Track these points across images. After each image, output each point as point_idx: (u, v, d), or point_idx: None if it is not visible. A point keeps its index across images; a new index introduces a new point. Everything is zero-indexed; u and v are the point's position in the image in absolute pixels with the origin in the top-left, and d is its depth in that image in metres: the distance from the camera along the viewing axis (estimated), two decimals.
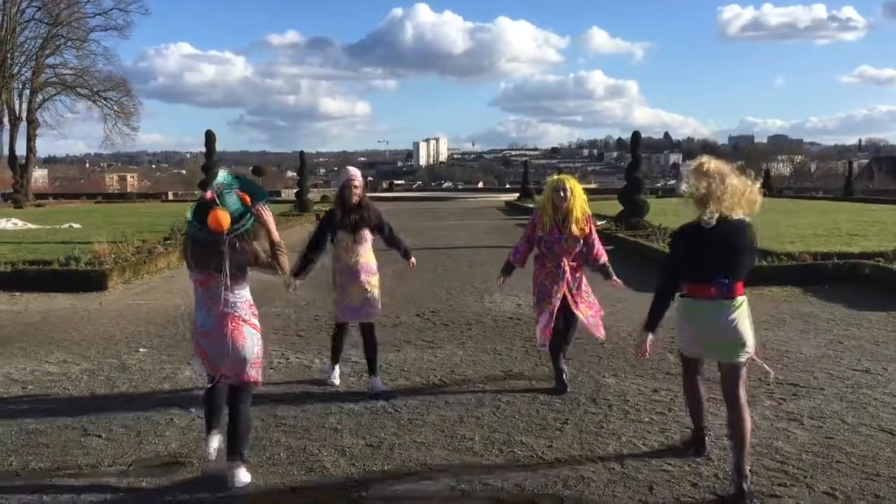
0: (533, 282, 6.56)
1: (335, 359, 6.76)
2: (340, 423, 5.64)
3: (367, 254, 6.51)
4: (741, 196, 4.39)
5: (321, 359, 7.43)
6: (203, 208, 4.45)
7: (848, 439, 5.22)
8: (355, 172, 6.51)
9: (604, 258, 6.54)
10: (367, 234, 6.48)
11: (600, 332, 6.59)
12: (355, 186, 6.38)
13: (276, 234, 4.71)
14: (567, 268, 6.32)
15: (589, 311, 6.51)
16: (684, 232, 4.59)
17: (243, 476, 4.52)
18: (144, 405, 6.10)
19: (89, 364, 7.44)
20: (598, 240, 6.53)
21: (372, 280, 6.54)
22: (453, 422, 5.66)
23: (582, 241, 6.38)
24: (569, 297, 6.33)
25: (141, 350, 7.96)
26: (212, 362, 4.62)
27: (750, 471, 4.34)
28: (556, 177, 6.58)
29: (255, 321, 4.69)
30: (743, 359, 4.42)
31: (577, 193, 6.32)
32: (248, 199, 4.53)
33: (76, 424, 5.64)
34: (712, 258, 4.37)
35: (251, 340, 4.59)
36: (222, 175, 4.65)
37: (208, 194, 4.48)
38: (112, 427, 5.59)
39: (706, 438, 5.01)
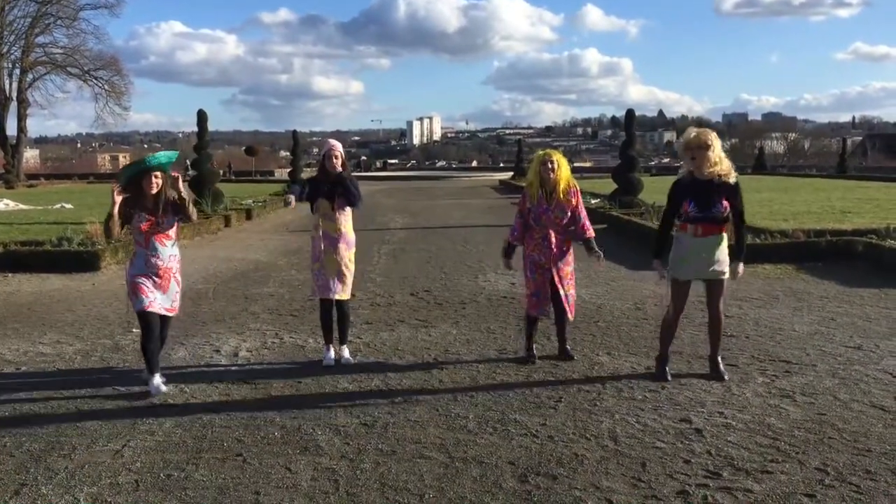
0: (523, 255, 6.65)
1: (328, 338, 6.78)
2: (335, 402, 5.65)
3: (346, 223, 6.66)
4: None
5: (315, 339, 7.43)
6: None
7: (840, 415, 5.25)
8: (336, 143, 6.74)
9: (590, 232, 6.66)
10: (346, 203, 6.63)
11: (570, 314, 6.69)
12: (335, 157, 6.56)
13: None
14: (554, 238, 6.44)
15: (570, 290, 6.66)
16: None
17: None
18: (138, 385, 6.09)
19: (83, 345, 7.43)
20: (584, 213, 6.67)
21: (349, 254, 6.69)
22: (447, 400, 5.67)
23: (569, 212, 6.51)
24: (554, 271, 6.45)
25: (135, 330, 7.94)
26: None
27: (721, 359, 6.13)
28: (542, 152, 6.76)
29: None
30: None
31: (562, 166, 6.51)
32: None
33: (70, 405, 5.64)
34: None
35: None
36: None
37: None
38: (106, 407, 5.58)
39: (669, 358, 6.22)
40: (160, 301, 5.98)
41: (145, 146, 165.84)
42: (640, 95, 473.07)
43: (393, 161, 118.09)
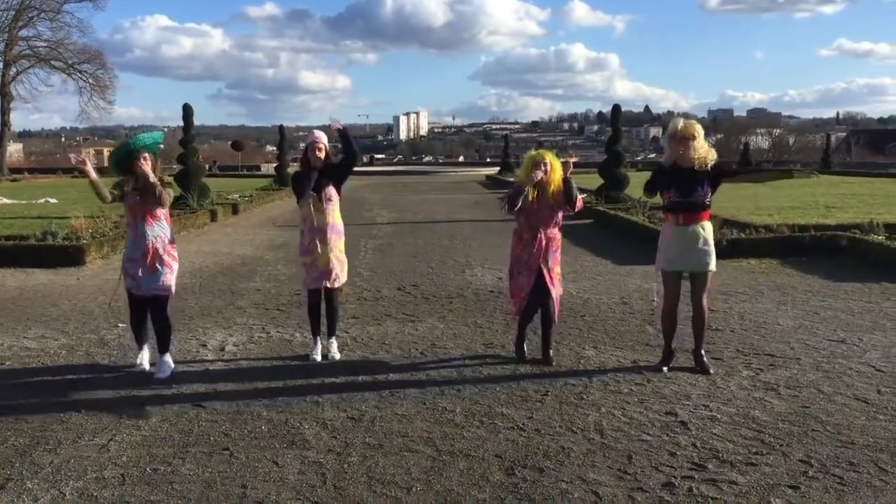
0: (511, 254, 6.59)
1: (315, 330, 6.77)
2: (322, 397, 5.65)
3: (333, 213, 6.61)
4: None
5: (302, 333, 7.42)
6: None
7: (823, 408, 5.30)
8: (320, 135, 6.66)
9: (579, 204, 6.48)
10: (333, 194, 6.59)
11: (556, 314, 6.60)
12: (319, 149, 6.53)
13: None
14: (543, 239, 6.38)
15: (559, 291, 6.60)
16: None
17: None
18: (124, 380, 6.08)
19: (68, 339, 7.39)
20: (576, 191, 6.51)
21: (339, 244, 6.65)
22: (434, 394, 5.68)
23: (559, 211, 6.46)
24: (545, 270, 6.38)
25: (120, 325, 7.91)
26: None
27: (705, 352, 6.23)
28: (534, 152, 6.64)
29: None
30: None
31: (555, 167, 6.44)
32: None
33: (55, 399, 5.61)
34: None
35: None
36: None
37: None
38: (91, 402, 5.56)
39: (673, 354, 6.31)
40: (147, 283, 6.17)
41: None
42: (626, 91, 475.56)
43: (380, 156, 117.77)
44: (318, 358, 6.63)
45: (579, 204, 6.50)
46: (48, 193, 26.54)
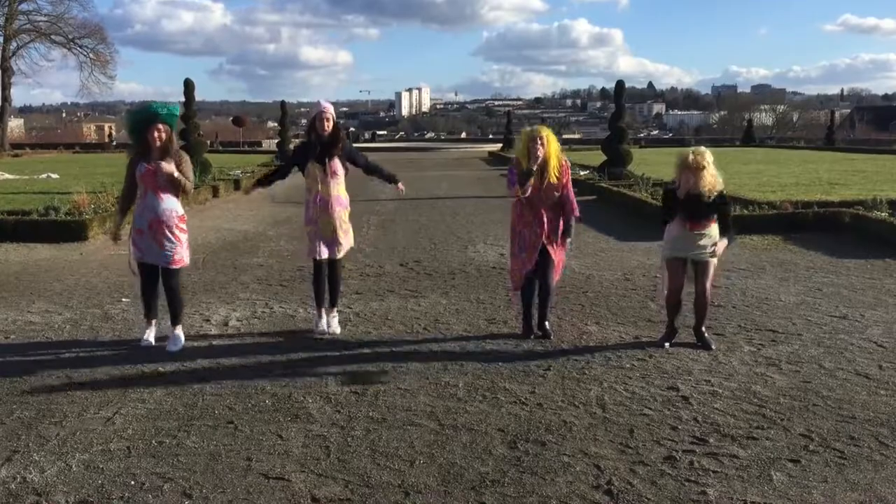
0: (511, 230, 6.55)
1: (319, 302, 6.74)
2: (325, 371, 5.68)
3: (338, 186, 6.54)
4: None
5: (305, 308, 7.45)
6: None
7: (825, 383, 5.32)
8: (327, 105, 6.55)
9: (574, 216, 6.49)
10: (338, 167, 6.50)
11: (556, 277, 6.63)
12: (327, 119, 6.44)
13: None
14: (545, 218, 6.33)
15: (560, 256, 6.55)
16: None
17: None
18: (129, 354, 6.11)
19: (72, 314, 7.42)
20: (572, 194, 6.50)
21: (343, 215, 6.60)
22: (437, 369, 5.71)
23: (560, 191, 6.37)
24: (546, 243, 6.35)
25: (124, 300, 7.94)
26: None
27: (706, 328, 6.31)
28: (530, 128, 6.58)
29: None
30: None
31: (552, 141, 6.35)
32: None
33: (60, 373, 5.64)
34: None
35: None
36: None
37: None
38: (96, 376, 5.59)
39: (676, 331, 6.36)
40: (154, 255, 6.24)
41: None
42: (629, 67, 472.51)
43: (382, 132, 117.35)
44: (324, 333, 6.62)
45: (573, 215, 6.49)
46: (50, 169, 26.51)
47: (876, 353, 5.99)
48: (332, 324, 6.73)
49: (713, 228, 6.21)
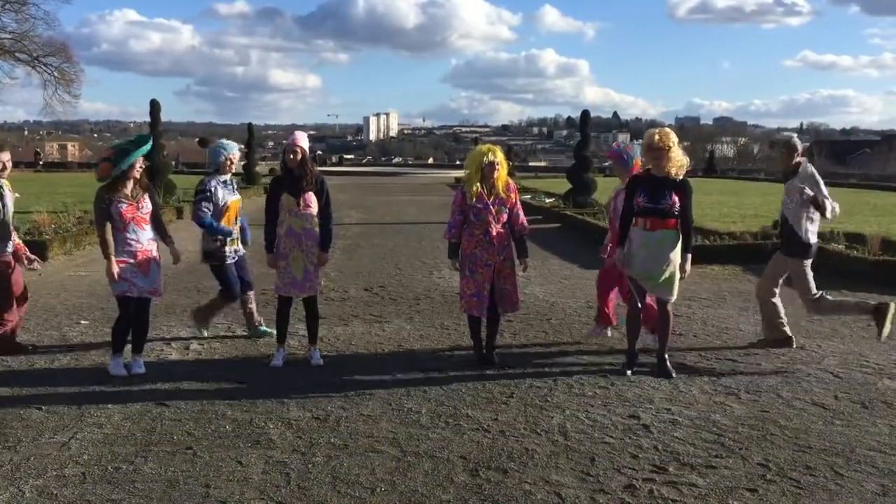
0: (462, 253, 6.57)
1: (282, 336, 6.64)
2: (287, 397, 5.63)
3: (311, 220, 6.47)
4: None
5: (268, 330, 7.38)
6: None
7: (782, 413, 5.40)
8: (298, 137, 6.52)
9: (525, 231, 6.62)
10: (312, 200, 6.45)
11: (518, 300, 6.70)
12: (294, 153, 6.40)
13: None
14: (495, 233, 6.39)
15: (507, 285, 6.54)
16: None
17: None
18: (86, 378, 6.01)
19: (29, 336, 7.28)
20: (521, 211, 6.64)
21: (314, 249, 6.50)
22: (400, 395, 5.69)
23: (508, 207, 6.48)
24: (500, 267, 6.43)
25: (82, 322, 7.82)
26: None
27: (668, 356, 6.31)
28: (481, 147, 6.60)
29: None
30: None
31: (504, 166, 6.50)
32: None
33: (15, 396, 5.53)
34: None
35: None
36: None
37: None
38: (53, 399, 5.49)
39: (636, 357, 6.41)
40: (141, 285, 6.16)
41: (95, 135, 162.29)
42: (595, 97, 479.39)
43: (349, 156, 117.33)
44: (279, 365, 6.47)
45: (524, 230, 6.61)
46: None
47: (832, 383, 6.10)
48: (313, 356, 6.56)
49: (673, 237, 6.13)
